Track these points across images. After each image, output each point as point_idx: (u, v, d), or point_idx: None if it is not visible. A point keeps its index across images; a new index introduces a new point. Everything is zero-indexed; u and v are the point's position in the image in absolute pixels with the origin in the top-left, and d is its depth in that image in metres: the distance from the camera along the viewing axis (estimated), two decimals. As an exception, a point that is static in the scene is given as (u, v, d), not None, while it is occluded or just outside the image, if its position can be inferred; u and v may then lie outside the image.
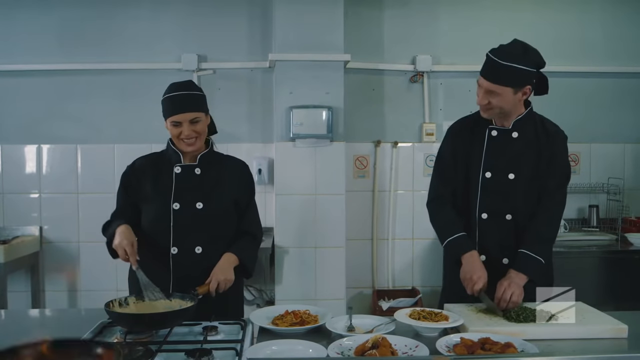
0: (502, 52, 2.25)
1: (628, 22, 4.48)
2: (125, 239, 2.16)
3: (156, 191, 2.35)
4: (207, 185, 2.36)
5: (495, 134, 2.40)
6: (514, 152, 2.37)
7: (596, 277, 3.70)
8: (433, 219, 2.53)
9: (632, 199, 4.43)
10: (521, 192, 2.36)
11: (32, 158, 4.24)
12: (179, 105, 2.28)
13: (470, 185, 2.42)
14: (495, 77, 2.25)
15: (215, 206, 2.35)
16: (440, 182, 2.52)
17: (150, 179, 2.38)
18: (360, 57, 4.20)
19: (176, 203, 2.32)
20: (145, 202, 2.37)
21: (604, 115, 4.50)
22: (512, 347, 1.79)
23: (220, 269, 2.25)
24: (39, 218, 4.21)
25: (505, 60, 2.22)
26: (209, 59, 4.24)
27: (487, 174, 2.38)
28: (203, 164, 2.38)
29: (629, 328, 1.97)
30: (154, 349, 1.76)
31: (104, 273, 4.15)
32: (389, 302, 4.06)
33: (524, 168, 2.36)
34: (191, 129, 2.28)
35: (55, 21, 4.19)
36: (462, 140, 2.47)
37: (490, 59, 2.25)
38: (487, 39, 4.23)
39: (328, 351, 1.79)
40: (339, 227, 3.96)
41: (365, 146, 4.37)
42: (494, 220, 2.38)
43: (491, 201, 2.38)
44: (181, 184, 2.34)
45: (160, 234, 2.32)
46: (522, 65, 2.23)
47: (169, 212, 2.31)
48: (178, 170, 2.36)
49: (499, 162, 2.38)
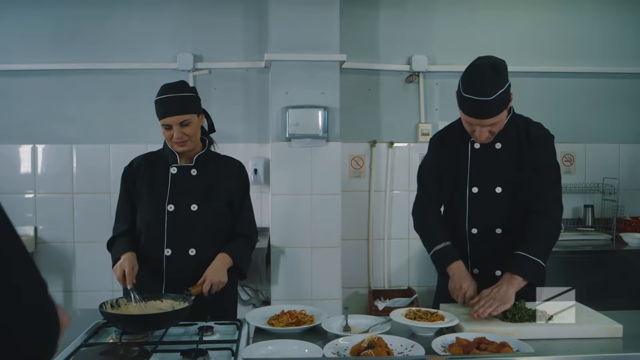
0: (482, 87, 2.12)
1: (623, 22, 4.50)
2: (129, 264, 2.22)
3: (151, 192, 2.35)
4: (203, 187, 2.36)
5: (478, 147, 2.34)
6: (498, 164, 2.33)
7: (591, 277, 3.70)
8: (418, 228, 2.52)
9: (627, 199, 4.44)
10: (509, 204, 2.32)
11: (27, 158, 4.22)
12: (168, 108, 2.29)
13: (457, 199, 2.39)
14: (490, 112, 2.16)
15: (210, 208, 2.35)
16: (425, 193, 2.50)
17: (147, 179, 2.38)
18: (356, 57, 4.20)
19: (171, 205, 2.32)
20: (141, 202, 2.38)
21: (599, 116, 4.52)
22: (508, 346, 1.79)
23: (213, 270, 2.26)
24: (34, 218, 4.19)
25: (492, 93, 2.12)
26: (205, 59, 4.23)
27: (474, 189, 2.34)
28: (199, 164, 2.38)
29: (624, 327, 1.97)
30: (149, 349, 1.76)
31: (99, 273, 4.14)
32: (384, 302, 4.06)
33: (510, 180, 2.32)
34: (181, 131, 2.29)
35: (50, 21, 4.17)
36: (444, 153, 2.43)
37: (477, 100, 2.13)
38: (483, 39, 4.30)
39: (324, 351, 1.79)
40: (334, 227, 3.96)
41: (361, 146, 4.37)
42: (484, 235, 2.35)
43: (480, 216, 2.35)
44: (177, 185, 2.34)
45: (154, 235, 2.33)
46: (504, 86, 2.15)
47: (164, 214, 2.32)
48: (174, 170, 2.36)
49: (484, 176, 2.34)
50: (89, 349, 1.80)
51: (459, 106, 2.25)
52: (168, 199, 2.33)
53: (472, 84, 2.15)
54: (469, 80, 2.17)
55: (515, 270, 2.18)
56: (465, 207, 2.36)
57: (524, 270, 2.18)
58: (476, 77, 2.15)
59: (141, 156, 2.49)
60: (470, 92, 2.14)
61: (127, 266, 2.21)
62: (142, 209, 2.38)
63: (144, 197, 2.37)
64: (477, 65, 2.19)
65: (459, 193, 2.38)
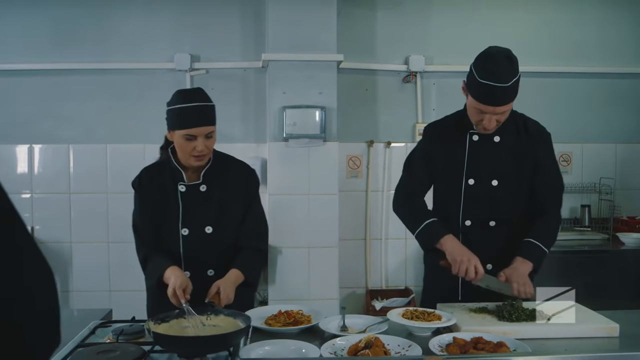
0: (499, 73, 2.12)
1: (620, 22, 4.51)
2: (181, 283, 2.04)
3: (163, 213, 2.25)
4: (215, 204, 2.26)
5: (476, 139, 2.34)
6: (496, 157, 2.33)
7: (588, 277, 3.71)
8: (401, 208, 2.45)
9: (624, 198, 4.46)
10: (504, 198, 2.33)
11: (24, 158, 4.22)
12: (196, 118, 2.13)
13: (450, 192, 2.37)
14: (504, 99, 2.16)
15: (225, 229, 2.27)
16: (412, 178, 2.45)
17: (156, 198, 2.26)
18: (353, 57, 4.20)
19: (185, 229, 2.23)
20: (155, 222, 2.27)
21: (595, 116, 4.53)
22: (505, 346, 1.80)
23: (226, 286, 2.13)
24: (31, 218, 4.18)
25: (509, 80, 2.12)
26: (202, 58, 4.23)
27: (470, 181, 2.33)
28: (208, 179, 2.26)
29: (620, 327, 1.98)
30: (146, 349, 1.76)
31: (96, 273, 4.15)
32: (382, 302, 4.07)
33: (507, 173, 2.33)
34: (205, 144, 2.15)
35: (47, 20, 4.16)
36: (438, 142, 2.41)
37: (493, 86, 2.12)
38: (480, 38, 4.25)
39: (321, 351, 1.79)
40: (332, 227, 3.96)
41: (358, 146, 4.38)
42: (478, 227, 2.35)
43: (475, 209, 2.35)
44: (188, 206, 2.24)
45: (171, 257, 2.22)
46: (518, 75, 2.16)
47: (178, 237, 2.24)
48: (183, 189, 2.24)
49: (482, 168, 2.33)
50: (86, 349, 1.80)
51: (471, 93, 2.21)
52: (181, 222, 2.23)
53: (489, 69, 2.13)
54: (486, 66, 2.15)
55: (529, 257, 2.26)
56: (460, 198, 2.35)
57: (535, 258, 2.27)
58: (492, 63, 2.14)
59: (147, 171, 2.33)
60: (488, 78, 2.13)
61: (179, 288, 2.02)
62: (158, 229, 2.26)
63: (156, 217, 2.26)
64: (492, 52, 2.18)
65: (454, 184, 2.36)
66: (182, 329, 1.83)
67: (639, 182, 4.56)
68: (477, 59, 2.21)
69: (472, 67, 2.21)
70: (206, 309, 1.93)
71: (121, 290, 4.13)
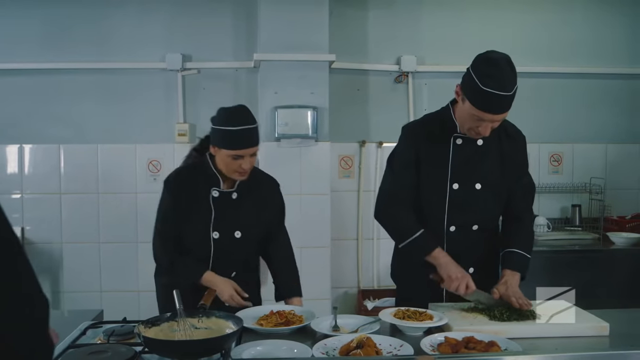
0: (504, 82, 2.06)
1: (612, 23, 4.53)
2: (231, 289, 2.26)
3: (195, 216, 2.31)
4: (244, 212, 2.36)
5: (460, 142, 2.30)
6: (479, 160, 2.31)
7: (578, 276, 3.72)
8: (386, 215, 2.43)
9: (614, 198, 4.48)
10: (487, 201, 2.33)
11: (14, 158, 4.19)
12: (246, 140, 2.25)
13: (435, 197, 2.32)
14: (506, 107, 2.11)
15: (253, 236, 2.39)
16: (396, 181, 2.39)
17: (189, 200, 2.32)
18: (345, 57, 4.21)
19: (216, 232, 2.32)
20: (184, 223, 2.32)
21: (586, 116, 4.55)
22: (496, 345, 1.80)
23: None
24: (21, 219, 4.15)
25: (512, 88, 2.07)
26: (194, 58, 4.22)
27: (455, 186, 2.30)
28: (241, 189, 2.36)
29: (610, 326, 2.00)
30: (137, 350, 1.75)
31: (87, 274, 4.13)
32: (374, 302, 4.07)
33: (489, 176, 2.31)
34: (250, 161, 2.27)
35: (38, 20, 4.14)
36: (421, 145, 2.32)
37: (498, 95, 2.05)
38: (472, 39, 4.31)
39: (313, 351, 1.79)
40: (324, 227, 3.96)
41: (350, 146, 4.38)
42: (461, 232, 2.33)
43: (459, 214, 2.32)
44: (220, 211, 2.32)
45: (198, 259, 2.33)
46: (517, 81, 2.12)
47: (209, 241, 2.31)
48: (216, 194, 2.32)
49: (466, 172, 2.30)
50: (77, 350, 1.79)
51: (472, 101, 2.11)
52: (213, 226, 2.31)
53: (494, 78, 2.05)
54: (490, 74, 2.06)
55: (517, 268, 2.28)
56: (444, 204, 2.31)
57: (523, 267, 2.29)
58: (497, 70, 2.06)
59: (182, 171, 2.41)
60: (493, 87, 2.05)
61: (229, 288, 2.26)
62: (186, 232, 2.32)
63: (187, 219, 2.31)
64: (495, 58, 2.10)
65: (438, 189, 2.31)
66: (173, 333, 1.81)
67: (629, 182, 4.59)
68: (478, 65, 2.12)
69: (471, 72, 2.11)
70: (197, 311, 1.93)
71: (112, 291, 4.12)
